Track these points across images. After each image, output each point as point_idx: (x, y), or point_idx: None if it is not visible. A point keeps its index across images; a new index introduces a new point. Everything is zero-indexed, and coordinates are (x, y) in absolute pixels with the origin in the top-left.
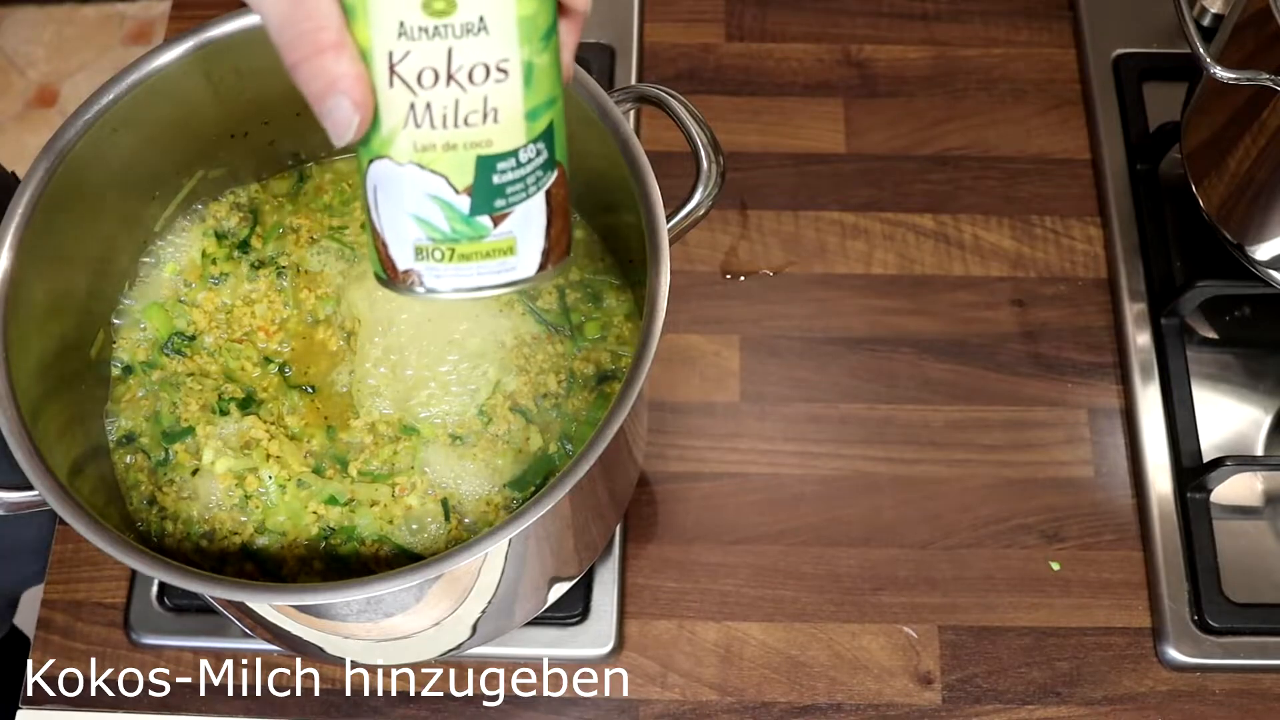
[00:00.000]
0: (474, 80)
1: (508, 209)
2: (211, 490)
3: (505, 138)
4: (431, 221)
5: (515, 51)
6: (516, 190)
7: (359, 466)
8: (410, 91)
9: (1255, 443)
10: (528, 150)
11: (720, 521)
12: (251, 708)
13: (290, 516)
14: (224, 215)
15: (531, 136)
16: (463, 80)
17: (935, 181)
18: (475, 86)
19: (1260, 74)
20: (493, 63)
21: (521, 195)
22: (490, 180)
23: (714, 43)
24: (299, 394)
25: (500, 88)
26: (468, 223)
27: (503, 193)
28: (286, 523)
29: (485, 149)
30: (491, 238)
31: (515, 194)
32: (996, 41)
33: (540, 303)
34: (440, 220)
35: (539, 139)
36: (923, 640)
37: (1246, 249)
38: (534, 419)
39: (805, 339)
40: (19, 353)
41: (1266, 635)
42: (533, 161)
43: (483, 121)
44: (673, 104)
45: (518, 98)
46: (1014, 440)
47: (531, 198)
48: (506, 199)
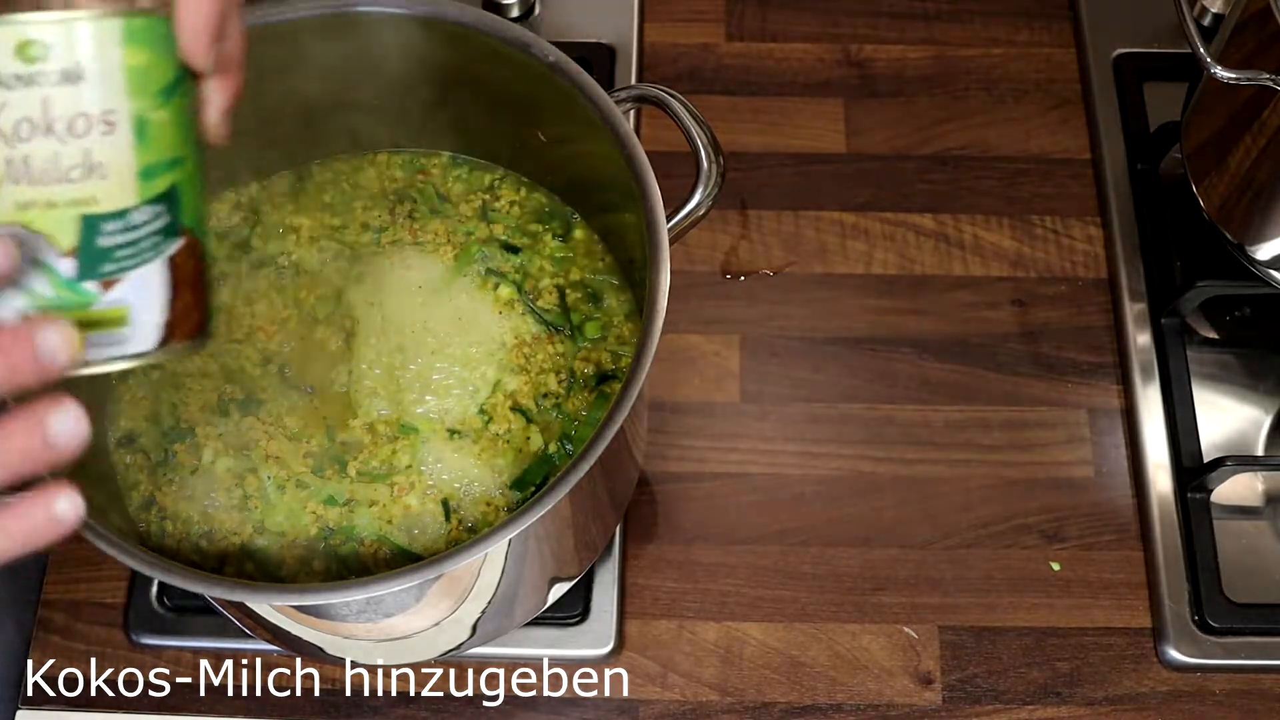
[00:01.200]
0: (74, 132)
1: (117, 274)
2: (211, 490)
3: (113, 196)
4: (34, 288)
5: (123, 103)
6: (127, 254)
7: (358, 466)
8: (7, 144)
9: (1255, 443)
10: (142, 211)
11: (720, 521)
12: (251, 708)
13: (289, 516)
14: (225, 214)
15: (146, 197)
16: (61, 132)
17: (935, 181)
18: (76, 139)
19: (1260, 74)
20: (95, 114)
21: (134, 260)
22: (95, 242)
23: (714, 43)
24: (298, 394)
25: (106, 141)
26: (72, 288)
27: (111, 256)
28: (285, 523)
29: (89, 207)
30: (99, 306)
31: (126, 258)
32: (996, 41)
33: (540, 302)
34: (44, 286)
35: (157, 200)
36: (923, 640)
37: (1246, 249)
38: (534, 419)
39: (805, 339)
40: None
41: (1267, 635)
42: (148, 224)
43: (86, 177)
44: (673, 104)
45: (127, 153)
46: (1014, 440)
47: (147, 264)
48: (116, 263)
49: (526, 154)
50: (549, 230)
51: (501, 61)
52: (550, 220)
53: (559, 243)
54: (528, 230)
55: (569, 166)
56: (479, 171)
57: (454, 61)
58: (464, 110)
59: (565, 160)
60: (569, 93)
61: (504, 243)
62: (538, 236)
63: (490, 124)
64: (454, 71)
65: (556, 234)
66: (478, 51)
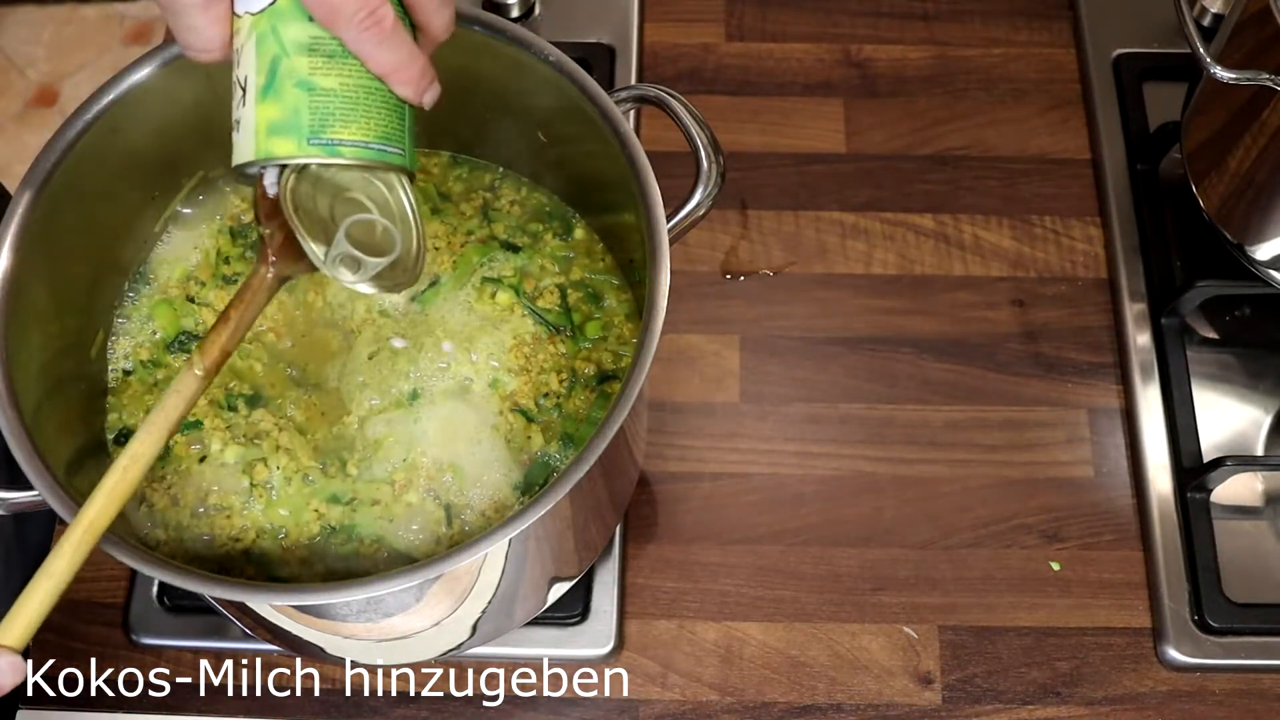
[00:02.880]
0: None
1: None
2: (212, 489)
3: None
4: None
5: None
6: None
7: (356, 463)
8: None
9: (1255, 443)
10: None
11: (720, 521)
12: (251, 708)
13: (293, 512)
14: (244, 209)
15: None
16: None
17: (935, 181)
18: None
19: (1260, 74)
20: None
21: None
22: None
23: (714, 43)
24: (302, 392)
25: None
26: None
27: None
28: (289, 519)
29: None
30: None
31: None
32: (996, 41)
33: (541, 302)
34: None
35: None
36: (923, 640)
37: (1246, 249)
38: (535, 419)
39: (805, 339)
40: (19, 352)
41: (1266, 635)
42: None
43: None
44: (673, 104)
45: None
46: (1014, 440)
47: None
48: None
49: (526, 154)
50: (550, 229)
51: (501, 61)
52: (551, 219)
53: (560, 242)
54: (528, 229)
55: (569, 166)
56: (479, 171)
57: (454, 61)
58: (464, 110)
59: (565, 160)
60: (569, 93)
61: (505, 242)
62: (539, 236)
63: (490, 124)
64: (454, 71)
65: (558, 233)
66: (478, 51)
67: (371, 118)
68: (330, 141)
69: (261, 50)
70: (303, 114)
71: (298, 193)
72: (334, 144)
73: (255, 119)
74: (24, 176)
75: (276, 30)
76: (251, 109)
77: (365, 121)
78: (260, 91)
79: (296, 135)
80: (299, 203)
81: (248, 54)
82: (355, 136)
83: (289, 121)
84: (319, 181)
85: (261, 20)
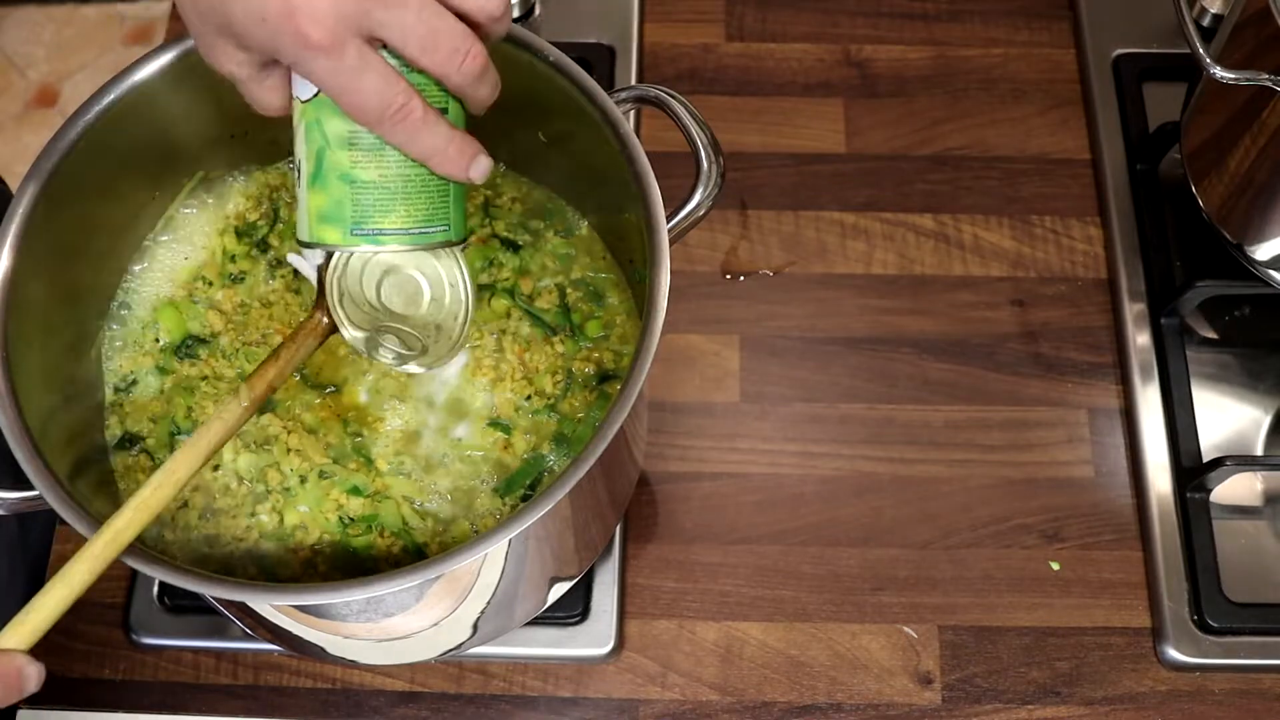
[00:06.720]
0: None
1: None
2: (212, 489)
3: None
4: None
5: None
6: None
7: (384, 459)
8: None
9: (1255, 443)
10: None
11: (720, 521)
12: (252, 708)
13: (313, 506)
14: (248, 208)
15: None
16: None
17: (935, 181)
18: None
19: (1260, 74)
20: None
21: None
22: None
23: (714, 43)
24: (315, 393)
25: None
26: None
27: None
28: (308, 514)
29: None
30: None
31: None
32: (996, 41)
33: (540, 303)
34: None
35: None
36: (923, 640)
37: (1246, 249)
38: (534, 419)
39: (805, 339)
40: (19, 352)
41: (1266, 635)
42: None
43: None
44: (673, 104)
45: None
46: (1014, 440)
47: None
48: None
49: (526, 154)
50: (551, 227)
51: (501, 61)
52: (552, 217)
53: (562, 239)
54: (529, 227)
55: (569, 166)
56: None
57: None
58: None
59: (565, 160)
60: (569, 93)
61: (505, 240)
62: (540, 234)
63: (490, 123)
64: None
65: (559, 231)
66: None
67: (412, 203)
68: (372, 232)
69: (309, 140)
70: (345, 206)
71: (349, 270)
72: (376, 234)
73: (308, 204)
74: (25, 176)
75: (320, 123)
76: (305, 193)
77: (405, 209)
78: (310, 179)
79: (341, 226)
80: (346, 286)
81: (299, 139)
82: (396, 225)
83: (334, 213)
84: (368, 261)
85: (309, 110)
